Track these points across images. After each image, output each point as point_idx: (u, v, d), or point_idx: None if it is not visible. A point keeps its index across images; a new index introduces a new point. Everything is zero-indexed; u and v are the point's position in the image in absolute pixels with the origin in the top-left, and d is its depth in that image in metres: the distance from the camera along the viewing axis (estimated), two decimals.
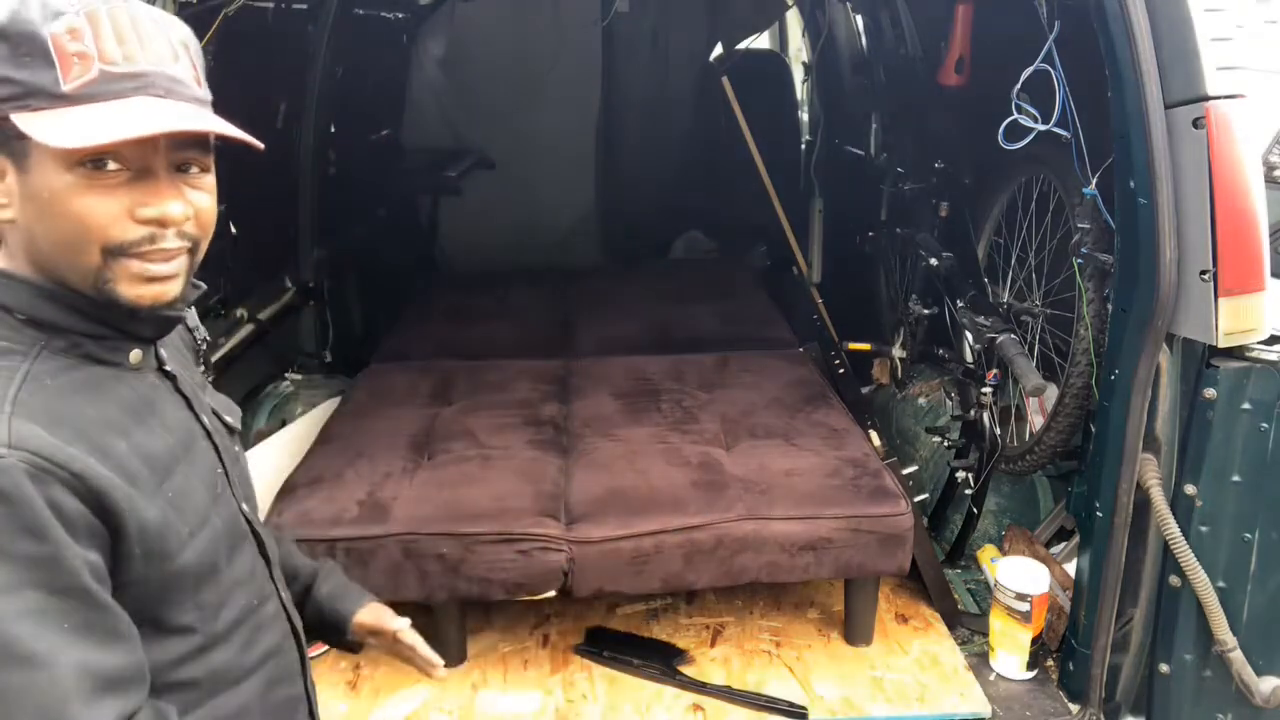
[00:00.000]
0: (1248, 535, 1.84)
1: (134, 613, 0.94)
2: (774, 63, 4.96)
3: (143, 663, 0.94)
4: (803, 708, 2.03)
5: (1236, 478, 1.82)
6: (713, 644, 2.24)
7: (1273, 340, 1.79)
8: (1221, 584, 1.85)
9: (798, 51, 5.39)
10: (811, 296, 3.68)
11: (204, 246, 1.02)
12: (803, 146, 4.82)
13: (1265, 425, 1.79)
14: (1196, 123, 1.70)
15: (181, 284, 1.00)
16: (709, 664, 2.17)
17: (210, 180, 1.02)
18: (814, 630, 2.29)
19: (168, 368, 1.09)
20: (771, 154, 4.06)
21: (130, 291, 0.95)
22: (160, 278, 0.97)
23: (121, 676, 0.90)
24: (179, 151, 0.97)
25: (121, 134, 0.89)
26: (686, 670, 2.14)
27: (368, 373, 2.94)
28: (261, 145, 1.01)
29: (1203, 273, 1.74)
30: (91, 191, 0.92)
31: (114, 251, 0.93)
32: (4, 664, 0.84)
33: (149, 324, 1.02)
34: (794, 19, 5.04)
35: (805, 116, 5.07)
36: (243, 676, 1.10)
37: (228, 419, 1.19)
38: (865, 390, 3.34)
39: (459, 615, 2.16)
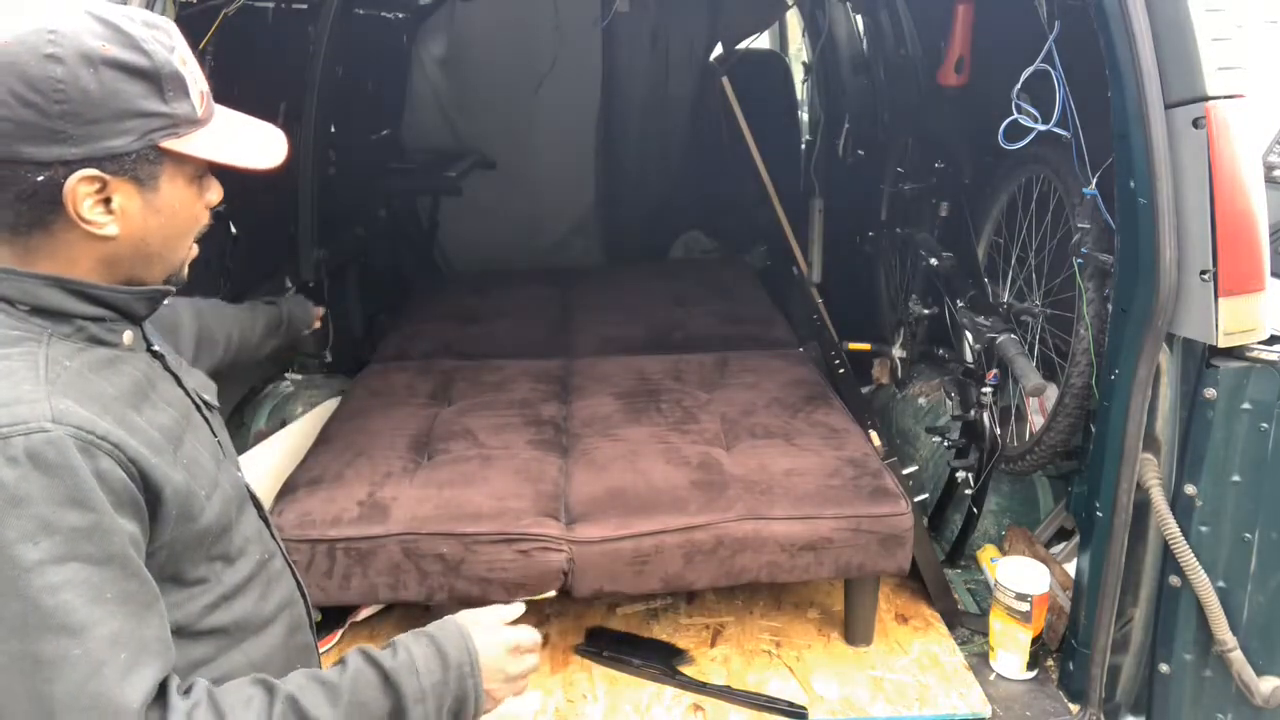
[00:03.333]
0: (1248, 535, 1.84)
1: (159, 569, 1.02)
2: (774, 63, 4.96)
3: (169, 634, 1.00)
4: (803, 708, 2.03)
5: (1236, 478, 1.82)
6: (713, 644, 2.24)
7: (1273, 340, 1.79)
8: (1221, 584, 1.85)
9: (798, 51, 5.39)
10: (811, 296, 3.68)
11: None
12: (803, 146, 4.83)
13: (1265, 425, 1.79)
14: (1196, 123, 1.70)
15: None
16: (709, 664, 2.17)
17: None
18: (814, 630, 2.29)
19: (156, 348, 1.18)
20: (771, 154, 4.05)
21: (186, 266, 1.15)
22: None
23: (154, 647, 0.97)
24: None
25: (279, 154, 1.14)
26: (686, 670, 2.14)
27: (368, 373, 2.94)
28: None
29: (1203, 273, 1.74)
30: (201, 196, 1.11)
31: (197, 238, 1.14)
32: (46, 633, 0.89)
33: (145, 302, 1.11)
34: (794, 19, 5.04)
35: (805, 116, 5.07)
36: (264, 624, 1.21)
37: (206, 397, 1.28)
38: (865, 390, 3.34)
39: None
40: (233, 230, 2.66)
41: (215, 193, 1.13)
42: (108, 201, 1.01)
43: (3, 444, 0.89)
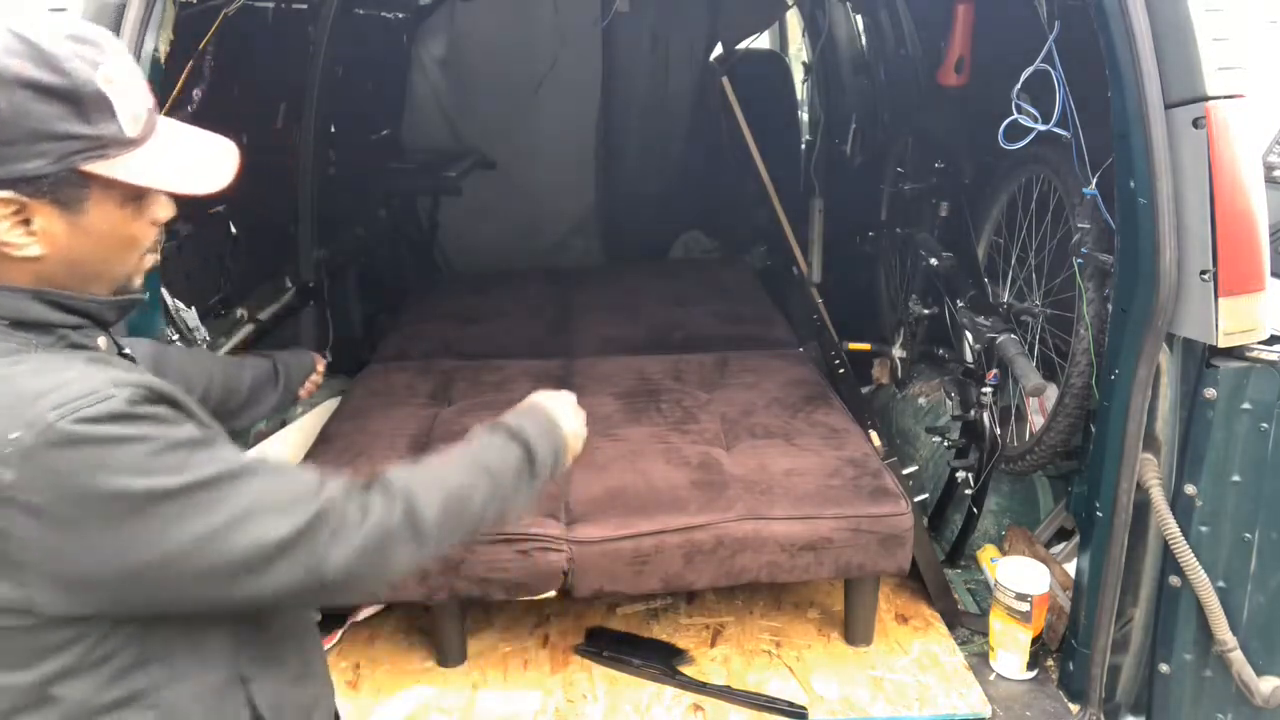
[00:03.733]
0: (1248, 535, 1.84)
1: None
2: (774, 63, 4.96)
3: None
4: (803, 708, 2.03)
5: (1236, 478, 1.82)
6: (713, 644, 2.24)
7: (1273, 340, 1.79)
8: (1221, 584, 1.85)
9: (798, 51, 5.39)
10: (811, 296, 3.68)
11: None
12: (803, 146, 4.83)
13: (1265, 425, 1.79)
14: (1196, 123, 1.70)
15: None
16: (709, 664, 2.17)
17: None
18: (814, 630, 2.29)
19: (126, 351, 1.18)
20: (771, 154, 4.05)
21: (139, 279, 1.12)
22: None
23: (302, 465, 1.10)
24: None
25: (224, 177, 1.10)
26: (686, 670, 2.14)
27: (368, 373, 2.94)
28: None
29: (1203, 273, 1.74)
30: (142, 216, 1.06)
31: (144, 253, 1.10)
32: (249, 476, 1.00)
33: (116, 309, 1.12)
34: (794, 19, 5.04)
35: (805, 116, 5.07)
36: None
37: None
38: (865, 390, 3.34)
39: (459, 615, 2.16)
40: (233, 230, 2.66)
41: (163, 209, 1.09)
42: (28, 223, 0.99)
43: (90, 411, 0.92)
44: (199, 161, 1.10)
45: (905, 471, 2.44)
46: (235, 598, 1.01)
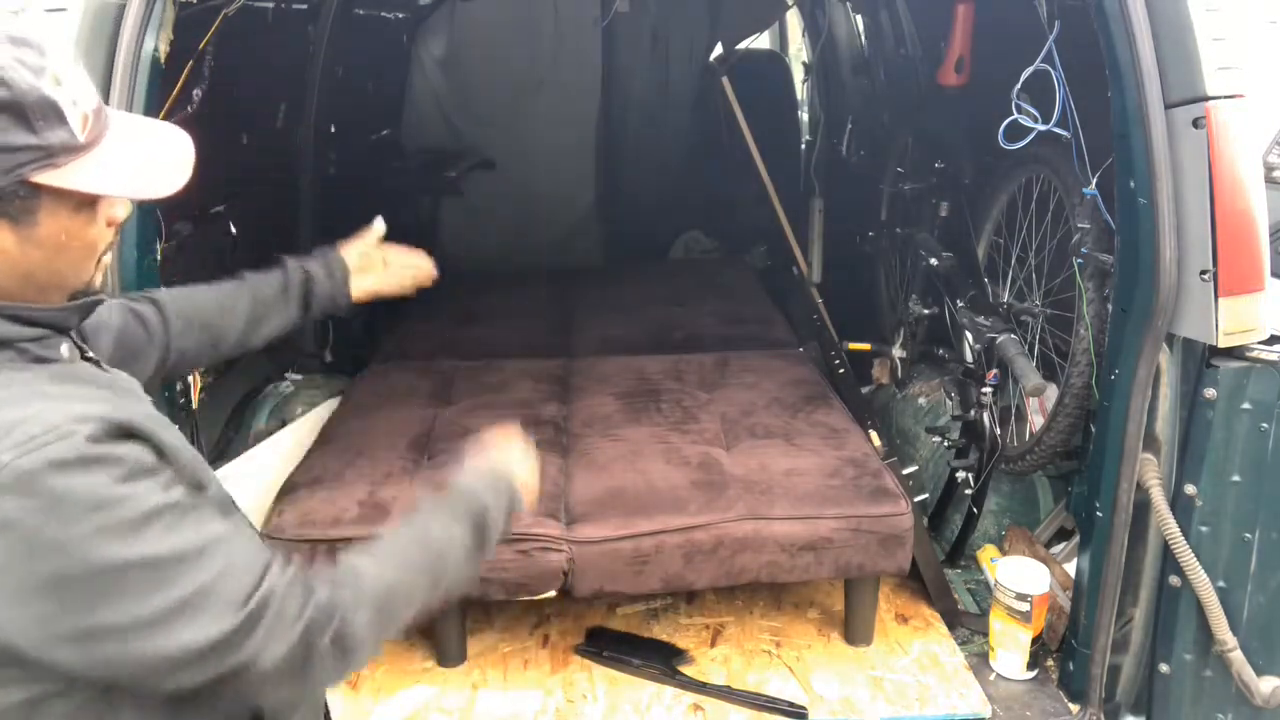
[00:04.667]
0: (1248, 535, 1.84)
1: None
2: (774, 63, 4.96)
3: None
4: (803, 708, 2.03)
5: (1236, 478, 1.82)
6: (713, 644, 2.24)
7: (1273, 340, 1.79)
8: (1221, 584, 1.85)
9: (798, 51, 5.39)
10: (811, 296, 3.68)
11: None
12: (803, 146, 4.83)
13: (1265, 425, 1.79)
14: (1196, 123, 1.70)
15: None
16: (709, 664, 2.17)
17: None
18: (814, 630, 2.29)
19: (90, 355, 1.13)
20: (771, 154, 4.06)
21: (99, 279, 1.07)
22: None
23: (257, 540, 1.07)
24: None
25: (182, 176, 1.04)
26: (686, 670, 2.14)
27: (368, 373, 2.94)
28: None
29: (1203, 273, 1.74)
30: (95, 222, 1.02)
31: (100, 256, 1.05)
32: (193, 563, 0.94)
33: (77, 312, 1.08)
34: (794, 19, 5.04)
35: (805, 116, 5.07)
36: None
37: None
38: (865, 390, 3.34)
39: (459, 615, 2.16)
40: (232, 230, 2.66)
41: (120, 208, 1.05)
42: None
43: (42, 452, 0.88)
44: (153, 161, 1.05)
45: (905, 471, 2.44)
46: (161, 687, 0.96)
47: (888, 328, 3.52)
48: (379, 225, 1.82)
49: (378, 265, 1.81)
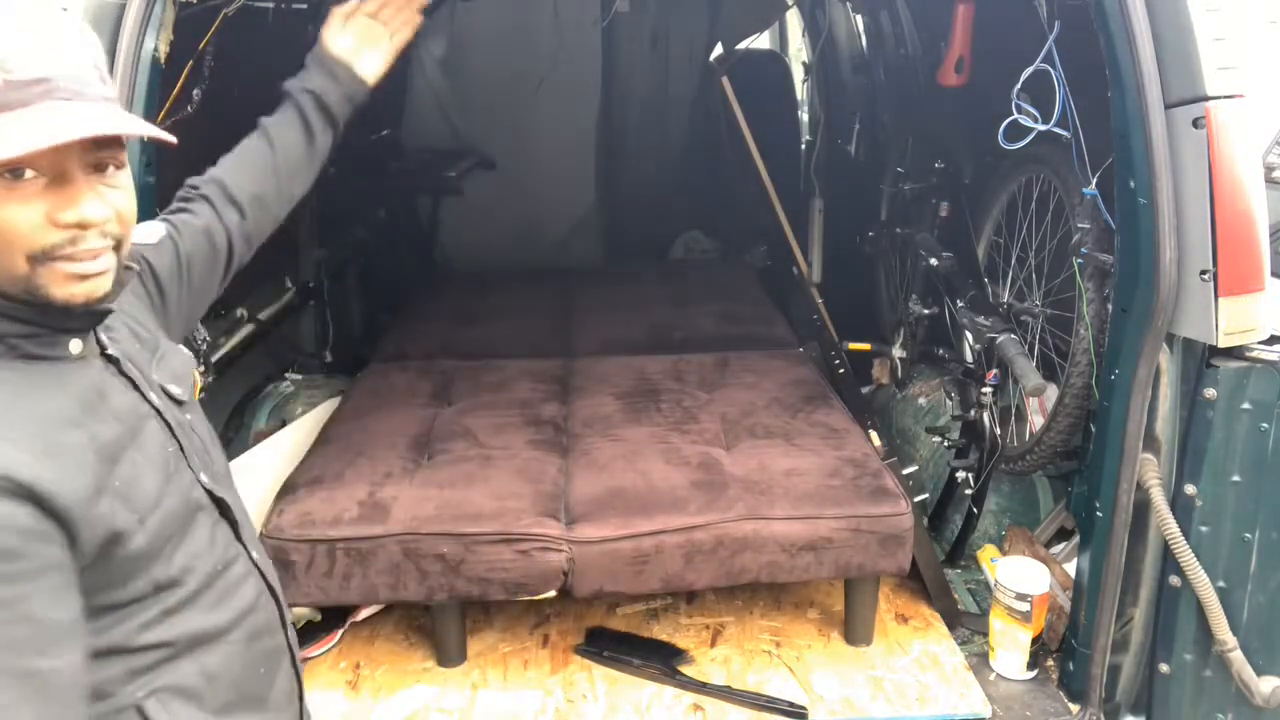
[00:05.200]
0: (1248, 535, 1.84)
1: (90, 593, 0.97)
2: (774, 63, 4.96)
3: (79, 672, 0.94)
4: (803, 708, 2.03)
5: (1236, 478, 1.82)
6: (713, 644, 2.24)
7: (1273, 340, 1.79)
8: (1221, 584, 1.85)
9: (798, 51, 5.39)
10: (811, 296, 3.68)
11: (129, 242, 1.04)
12: (803, 146, 4.83)
13: (1265, 425, 1.79)
14: (1196, 123, 1.70)
15: (112, 279, 1.02)
16: (709, 664, 2.17)
17: (126, 177, 1.03)
18: (814, 630, 2.29)
19: (110, 351, 1.10)
20: (771, 154, 4.05)
21: (61, 292, 0.97)
22: (89, 275, 0.98)
23: (50, 691, 0.90)
24: (94, 153, 0.97)
25: (33, 144, 0.90)
26: (686, 670, 2.14)
27: (368, 373, 2.94)
28: (174, 140, 1.04)
29: (1203, 273, 1.74)
30: (10, 202, 0.93)
31: (39, 257, 0.95)
32: None
33: (83, 319, 1.03)
34: (794, 19, 5.04)
35: (805, 116, 5.07)
36: (220, 634, 1.14)
37: (173, 390, 1.19)
38: (865, 390, 3.34)
39: (459, 615, 2.16)
40: None
41: (71, 210, 0.95)
42: None
43: None
44: (35, 125, 0.92)
45: (905, 471, 2.44)
46: None
47: (888, 328, 3.52)
48: (351, 2, 1.68)
49: (373, 34, 1.67)
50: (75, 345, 1.03)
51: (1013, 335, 2.48)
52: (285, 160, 1.57)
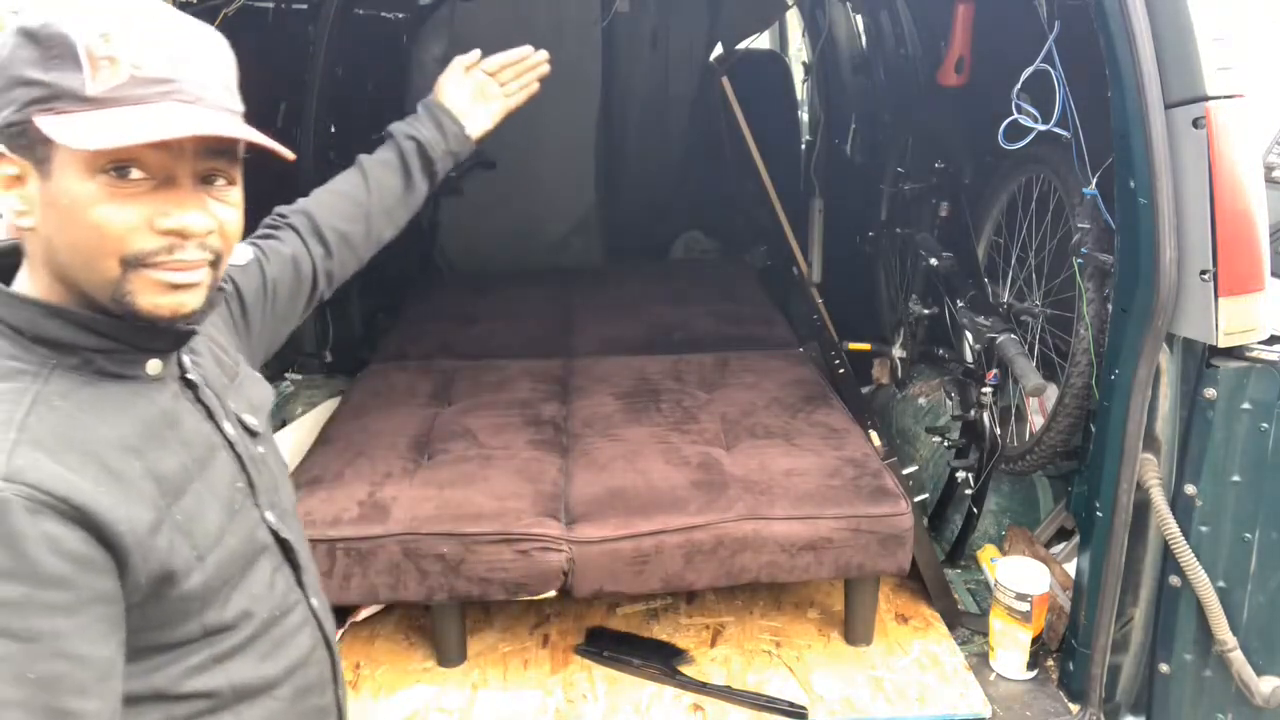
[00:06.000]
0: (1248, 535, 1.84)
1: (136, 632, 0.92)
2: (774, 63, 4.96)
3: (114, 712, 0.89)
4: (803, 708, 2.03)
5: (1236, 478, 1.82)
6: (713, 644, 2.24)
7: (1273, 340, 1.79)
8: (1221, 584, 1.85)
9: (798, 51, 5.39)
10: (811, 296, 3.68)
11: (226, 261, 1.00)
12: (803, 146, 4.83)
13: (1265, 425, 1.79)
14: (1196, 123, 1.70)
15: (203, 295, 0.97)
16: (709, 664, 2.17)
17: (237, 194, 1.00)
18: (814, 630, 2.29)
19: (190, 375, 1.05)
20: (771, 154, 4.06)
21: (148, 302, 0.93)
22: (181, 286, 0.94)
23: None
24: (205, 161, 0.94)
25: (144, 136, 0.87)
26: (686, 670, 2.14)
27: (368, 373, 2.94)
28: (292, 155, 1.02)
29: (1203, 273, 1.74)
30: (113, 200, 0.90)
31: (132, 262, 0.91)
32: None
33: (164, 336, 0.98)
34: (794, 19, 5.04)
35: (805, 116, 5.07)
36: (268, 687, 1.07)
37: (249, 421, 1.14)
38: (865, 390, 3.34)
39: (459, 615, 2.16)
40: None
41: (174, 217, 0.92)
42: (23, 184, 0.91)
43: None
44: (150, 119, 0.88)
45: (905, 471, 2.44)
46: None
47: (888, 328, 3.52)
48: (473, 54, 1.65)
49: (487, 92, 1.64)
50: (154, 366, 0.98)
51: (1013, 335, 2.48)
52: (379, 203, 1.54)
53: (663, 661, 2.15)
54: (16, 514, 0.82)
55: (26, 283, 0.96)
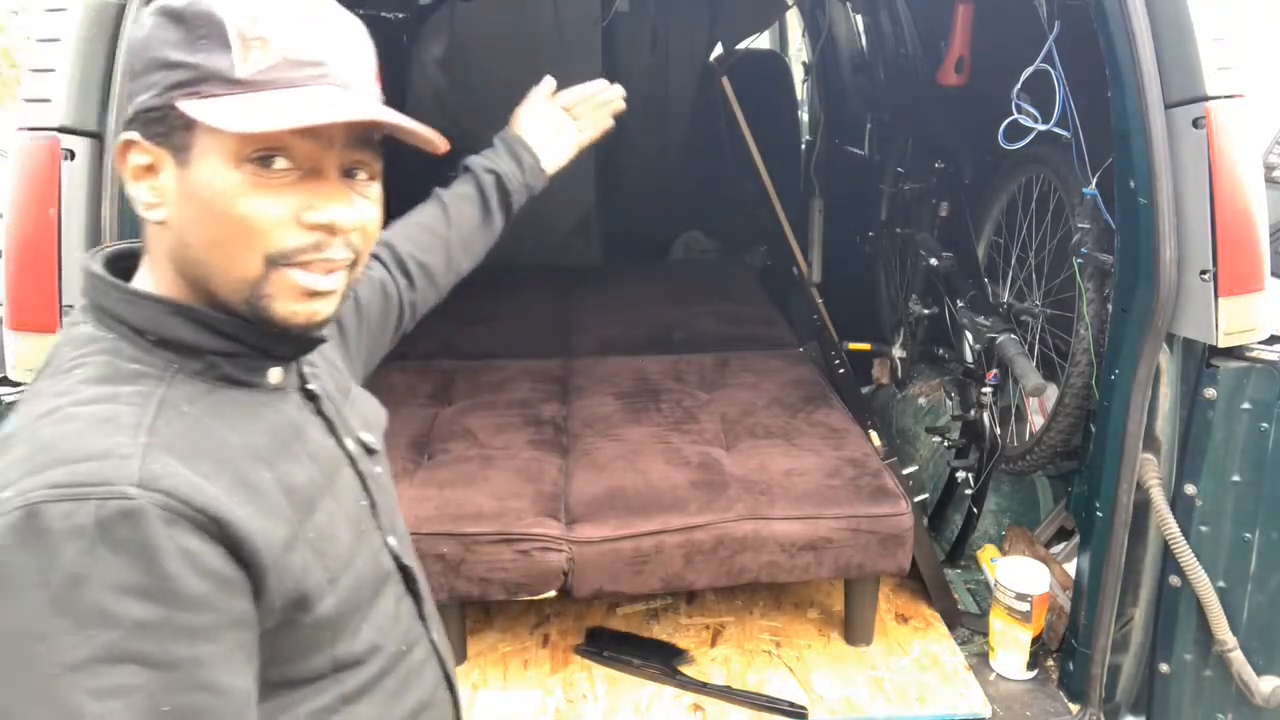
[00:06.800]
0: (1248, 535, 1.84)
1: (264, 666, 0.84)
2: (774, 63, 4.96)
3: None
4: (803, 708, 2.03)
5: (1236, 478, 1.82)
6: (713, 644, 2.24)
7: (1273, 340, 1.79)
8: (1221, 584, 1.85)
9: (798, 51, 5.39)
10: (811, 296, 3.68)
11: (363, 264, 0.94)
12: (803, 146, 4.83)
13: (1265, 425, 1.79)
14: (1196, 123, 1.70)
15: (336, 303, 0.91)
16: (709, 664, 2.17)
17: (377, 190, 0.95)
18: (814, 630, 2.29)
19: (311, 386, 0.99)
20: (771, 154, 4.06)
21: (285, 308, 0.87)
22: (319, 293, 0.88)
23: None
24: (352, 152, 0.89)
25: (307, 118, 0.81)
26: (686, 670, 2.14)
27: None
28: (445, 146, 0.99)
29: (1203, 273, 1.74)
30: (258, 191, 0.83)
31: (276, 260, 0.85)
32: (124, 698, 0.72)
33: (291, 343, 0.93)
34: (794, 19, 5.04)
35: (805, 116, 5.07)
36: None
37: (367, 439, 1.07)
38: (865, 390, 3.34)
39: (459, 615, 2.16)
40: None
41: (321, 211, 0.86)
42: (155, 174, 0.85)
43: (73, 507, 0.72)
44: (287, 107, 0.82)
45: (905, 471, 2.44)
46: None
47: (888, 328, 3.52)
48: (548, 82, 1.64)
49: (563, 127, 1.62)
50: (275, 374, 0.92)
51: (1013, 335, 2.48)
52: (458, 236, 1.51)
53: (663, 661, 2.15)
54: (153, 525, 0.74)
55: (147, 281, 0.90)
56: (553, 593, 2.05)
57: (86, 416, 0.79)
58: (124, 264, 0.92)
